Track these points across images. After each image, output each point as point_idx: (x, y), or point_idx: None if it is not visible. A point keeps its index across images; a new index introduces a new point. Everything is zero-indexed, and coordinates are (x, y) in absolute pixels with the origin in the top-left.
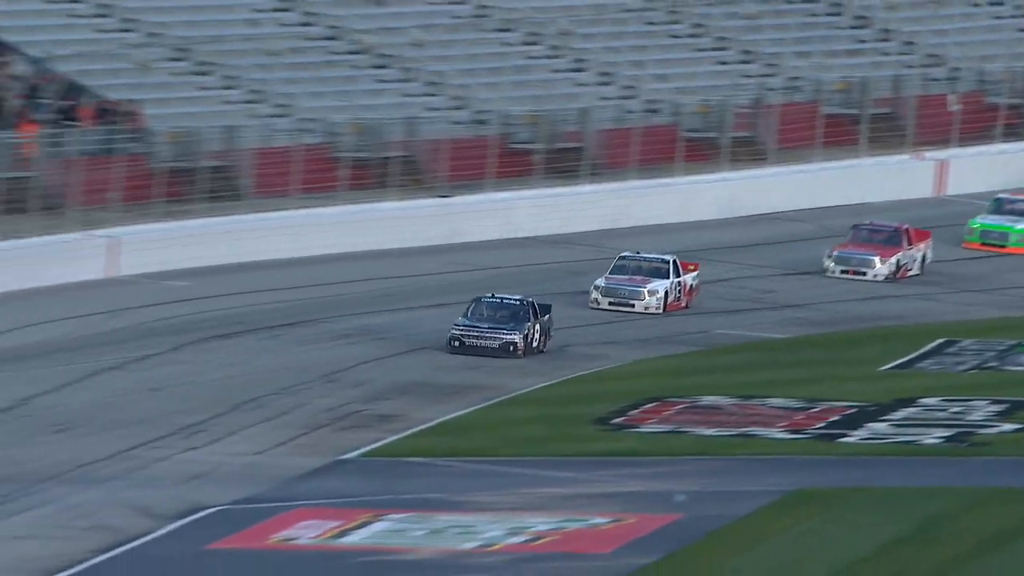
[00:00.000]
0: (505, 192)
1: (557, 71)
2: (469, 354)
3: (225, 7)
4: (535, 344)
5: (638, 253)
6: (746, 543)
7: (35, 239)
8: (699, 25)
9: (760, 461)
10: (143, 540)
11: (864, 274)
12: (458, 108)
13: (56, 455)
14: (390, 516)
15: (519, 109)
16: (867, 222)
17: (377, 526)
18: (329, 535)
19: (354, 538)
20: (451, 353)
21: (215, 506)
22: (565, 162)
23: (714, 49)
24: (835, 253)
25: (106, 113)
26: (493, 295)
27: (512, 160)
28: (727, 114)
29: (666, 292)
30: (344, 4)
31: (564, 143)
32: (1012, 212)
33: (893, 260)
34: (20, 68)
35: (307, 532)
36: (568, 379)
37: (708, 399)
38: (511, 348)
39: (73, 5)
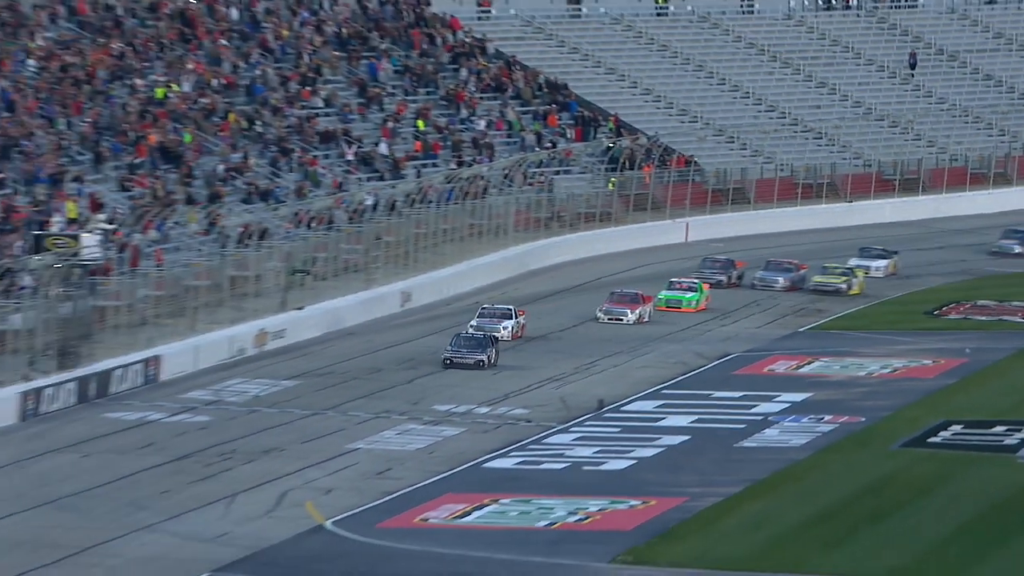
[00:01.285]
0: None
1: None
2: (456, 368)
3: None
4: (493, 361)
5: (493, 305)
6: (1004, 372)
7: (648, 224)
8: None
9: (1009, 334)
10: (693, 371)
11: (621, 320)
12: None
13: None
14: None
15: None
16: (619, 290)
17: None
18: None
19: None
20: (444, 368)
21: (734, 353)
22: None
23: None
24: (604, 307)
25: (665, 161)
26: (466, 331)
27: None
28: None
29: (512, 327)
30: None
31: None
32: (680, 288)
33: (638, 312)
34: (642, 139)
35: None
36: (895, 298)
37: (982, 302)
38: (481, 364)
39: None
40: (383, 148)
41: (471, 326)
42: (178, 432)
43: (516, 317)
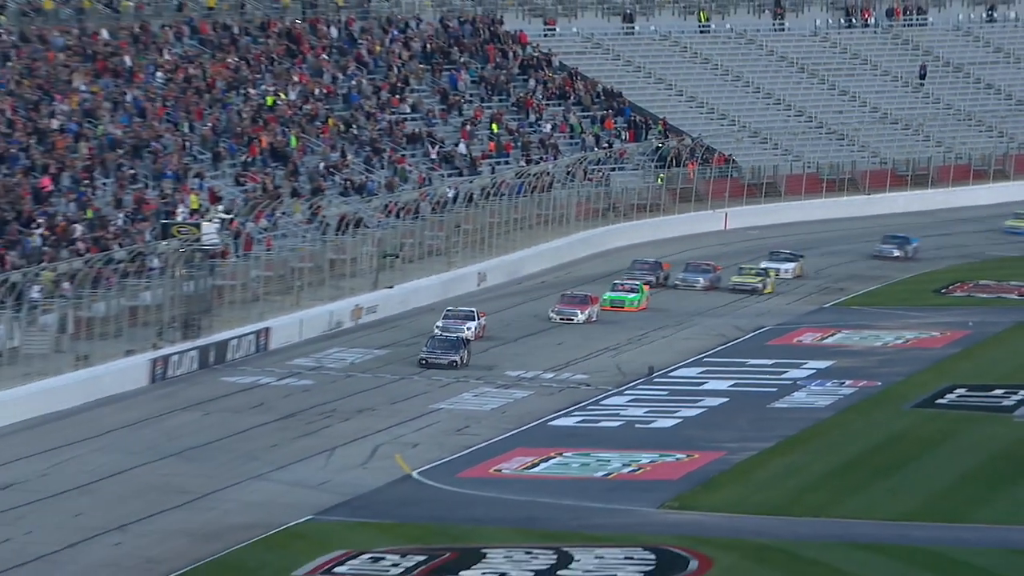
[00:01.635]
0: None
1: None
2: (431, 368)
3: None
4: (465, 361)
5: (457, 308)
6: (1002, 342)
7: (691, 214)
8: None
9: (1006, 309)
10: (731, 342)
11: (572, 320)
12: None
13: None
14: None
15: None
16: (569, 292)
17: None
18: None
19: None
20: (420, 367)
21: (767, 326)
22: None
23: None
24: (556, 308)
25: (707, 159)
26: (439, 332)
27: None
28: None
29: (475, 328)
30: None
31: None
32: (623, 289)
33: (587, 312)
34: (687, 141)
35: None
36: (907, 278)
37: (983, 282)
38: (455, 364)
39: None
40: (462, 148)
41: (438, 327)
42: (285, 394)
43: (478, 319)
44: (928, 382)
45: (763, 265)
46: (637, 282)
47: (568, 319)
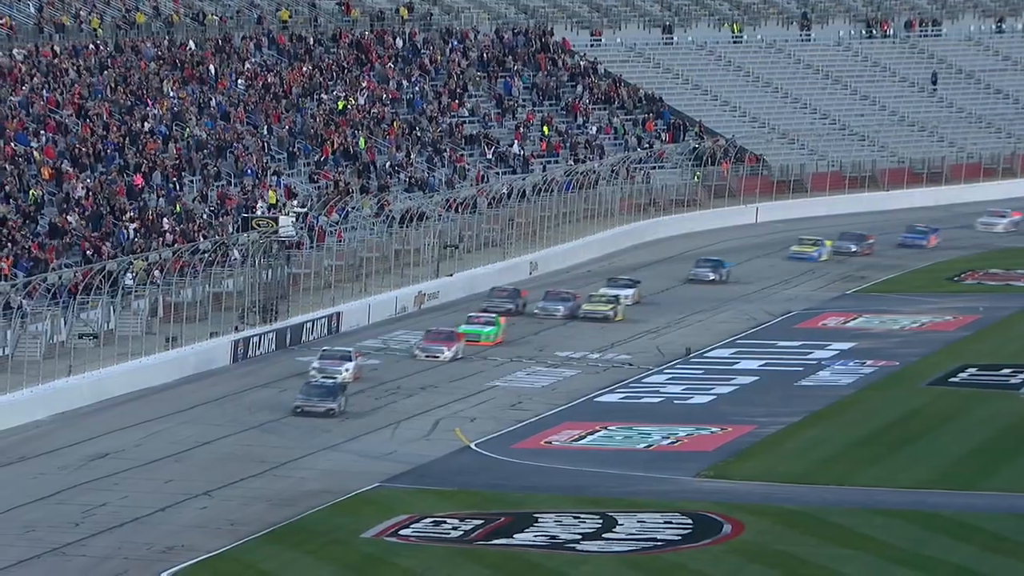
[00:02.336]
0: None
1: None
2: (306, 416)
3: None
4: (343, 407)
5: (333, 348)
6: (1010, 326)
7: (725, 208)
8: None
9: (1014, 295)
10: (761, 325)
11: (438, 357)
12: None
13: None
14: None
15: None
16: (434, 328)
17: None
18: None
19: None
20: (294, 415)
21: (795, 311)
22: None
23: None
24: (422, 345)
25: (740, 158)
26: (315, 379)
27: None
28: None
29: (352, 369)
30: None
31: None
32: (479, 322)
33: (454, 349)
34: (721, 141)
35: None
36: (923, 267)
37: (992, 270)
38: (331, 412)
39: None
40: (516, 148)
41: (314, 368)
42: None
43: (354, 359)
44: (942, 362)
45: (600, 291)
46: (493, 315)
47: (434, 356)
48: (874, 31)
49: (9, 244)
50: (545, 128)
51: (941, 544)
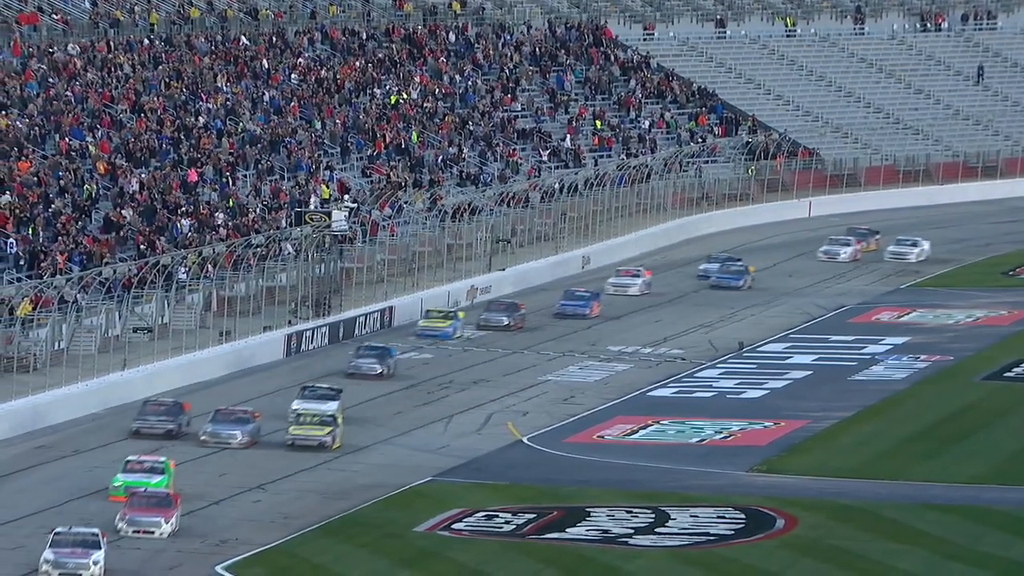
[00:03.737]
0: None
1: None
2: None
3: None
4: (184, 428)
5: (228, 407)
6: None
7: (778, 203)
8: None
9: None
10: (814, 319)
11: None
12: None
13: None
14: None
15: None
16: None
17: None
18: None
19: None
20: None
21: (848, 305)
22: None
23: None
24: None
25: (793, 152)
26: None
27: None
28: None
29: (251, 432)
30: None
31: None
32: (142, 469)
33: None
34: (774, 136)
35: None
36: (978, 261)
37: None
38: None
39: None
40: (568, 142)
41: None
42: (408, 366)
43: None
44: (996, 357)
45: (307, 408)
46: (162, 460)
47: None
48: (928, 24)
49: (64, 238)
50: (597, 122)
51: (996, 539)
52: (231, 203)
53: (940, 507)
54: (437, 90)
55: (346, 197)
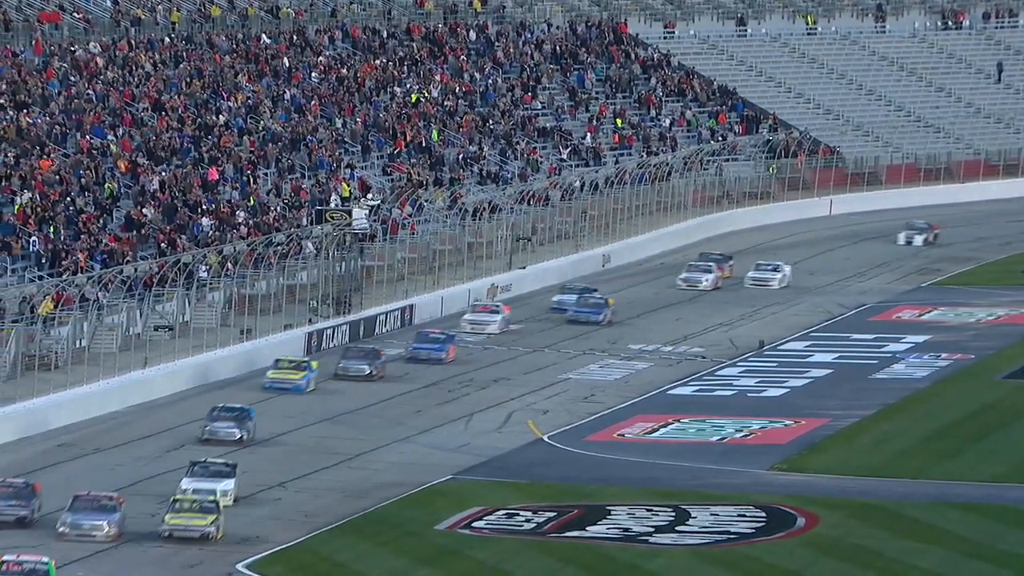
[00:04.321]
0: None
1: None
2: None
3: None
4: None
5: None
6: None
7: (799, 201)
8: None
9: None
10: (835, 318)
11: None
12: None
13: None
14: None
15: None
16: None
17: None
18: None
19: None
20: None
21: (869, 304)
22: None
23: None
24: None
25: (814, 150)
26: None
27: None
28: None
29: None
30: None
31: None
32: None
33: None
34: (795, 134)
35: None
36: (999, 260)
37: None
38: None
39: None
40: (588, 141)
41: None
42: (428, 364)
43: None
44: (1018, 355)
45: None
46: (45, 558)
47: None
48: (949, 23)
49: (85, 237)
50: (618, 121)
51: (1017, 538)
52: (252, 201)
53: (961, 506)
54: (457, 88)
55: (367, 195)
